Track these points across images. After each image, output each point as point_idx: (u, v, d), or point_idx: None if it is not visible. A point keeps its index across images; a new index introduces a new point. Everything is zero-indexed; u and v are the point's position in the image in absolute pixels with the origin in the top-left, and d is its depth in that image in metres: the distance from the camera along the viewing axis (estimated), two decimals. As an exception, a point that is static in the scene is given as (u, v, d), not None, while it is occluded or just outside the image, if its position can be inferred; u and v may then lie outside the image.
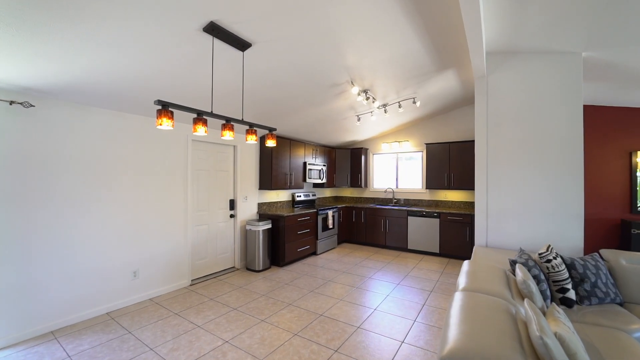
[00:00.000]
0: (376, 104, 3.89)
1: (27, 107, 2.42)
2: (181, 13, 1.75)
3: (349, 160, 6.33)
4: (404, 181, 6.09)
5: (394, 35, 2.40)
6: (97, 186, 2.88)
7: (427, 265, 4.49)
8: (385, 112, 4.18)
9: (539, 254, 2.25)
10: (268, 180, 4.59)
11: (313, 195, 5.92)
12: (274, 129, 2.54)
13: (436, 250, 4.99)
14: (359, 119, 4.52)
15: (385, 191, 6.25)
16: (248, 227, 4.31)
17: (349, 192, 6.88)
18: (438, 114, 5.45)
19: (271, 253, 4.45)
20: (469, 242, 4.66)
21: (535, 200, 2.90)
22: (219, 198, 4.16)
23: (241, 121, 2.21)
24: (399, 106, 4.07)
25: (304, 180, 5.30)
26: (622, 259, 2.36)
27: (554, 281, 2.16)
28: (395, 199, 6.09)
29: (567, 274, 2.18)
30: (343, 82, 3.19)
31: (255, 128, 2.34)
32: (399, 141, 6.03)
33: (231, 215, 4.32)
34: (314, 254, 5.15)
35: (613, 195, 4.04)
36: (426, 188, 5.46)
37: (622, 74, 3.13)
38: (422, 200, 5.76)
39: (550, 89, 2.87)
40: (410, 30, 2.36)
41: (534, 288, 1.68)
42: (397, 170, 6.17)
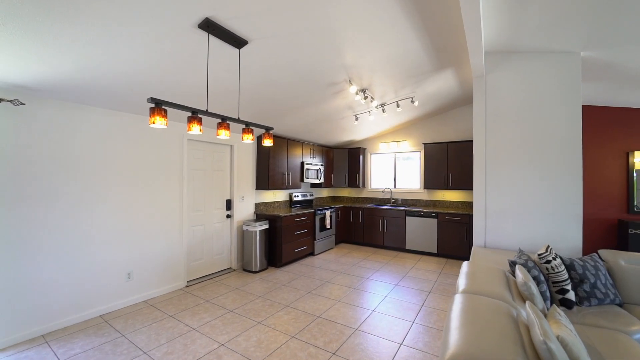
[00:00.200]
0: (374, 103, 3.87)
1: (17, 105, 2.36)
2: (175, 8, 1.71)
3: (347, 160, 6.30)
4: (402, 181, 6.07)
5: (392, 33, 2.36)
6: (90, 186, 2.82)
7: (425, 266, 4.47)
8: (383, 112, 4.16)
9: (539, 255, 2.23)
10: (265, 180, 4.54)
11: (311, 195, 5.88)
12: (271, 128, 2.50)
13: (434, 250, 4.98)
14: (356, 119, 4.49)
15: (383, 191, 6.22)
16: (245, 228, 4.26)
17: (346, 192, 6.85)
18: (436, 114, 5.44)
19: (268, 254, 4.41)
20: (467, 242, 4.65)
21: (534, 200, 2.89)
22: (216, 198, 4.11)
23: (237, 120, 2.17)
24: (397, 106, 4.04)
25: (302, 180, 5.26)
26: (621, 260, 2.35)
27: (553, 282, 2.15)
28: (393, 199, 6.07)
29: (567, 275, 2.16)
30: (341, 81, 3.16)
31: (251, 127, 2.30)
32: (397, 141, 6.01)
33: (228, 216, 4.27)
34: (312, 254, 5.11)
35: (610, 195, 4.05)
36: (424, 188, 5.44)
37: (620, 74, 3.13)
38: (420, 200, 5.74)
39: (549, 89, 2.85)
40: (409, 28, 2.33)
41: (535, 290, 1.66)
42: (395, 170, 6.15)
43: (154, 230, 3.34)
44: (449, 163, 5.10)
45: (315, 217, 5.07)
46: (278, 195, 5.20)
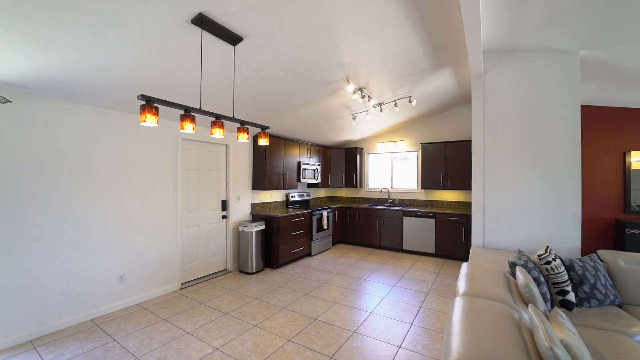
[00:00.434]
0: (372, 102, 3.83)
1: (4, 103, 2.28)
2: (167, 3, 1.65)
3: (344, 160, 6.26)
4: (400, 181, 6.04)
5: (391, 31, 2.32)
6: (81, 186, 2.75)
7: (423, 266, 4.44)
8: (381, 111, 4.12)
9: (538, 256, 2.20)
10: (261, 180, 4.49)
11: (307, 195, 5.83)
12: (267, 127, 2.45)
13: (432, 250, 4.95)
14: (354, 118, 4.45)
15: (380, 191, 6.19)
16: (241, 229, 4.20)
17: (343, 192, 6.81)
18: (434, 114, 5.42)
19: (264, 255, 4.35)
20: (465, 243, 4.63)
21: (533, 201, 2.87)
22: (211, 198, 4.04)
23: (232, 118, 2.11)
24: (395, 105, 4.01)
25: (298, 180, 5.21)
26: (621, 260, 2.33)
27: (553, 283, 2.12)
28: (390, 199, 6.04)
29: (567, 276, 2.13)
30: (338, 80, 3.11)
31: (246, 126, 2.24)
32: (394, 141, 5.98)
33: (223, 216, 4.21)
34: (309, 255, 5.06)
35: (607, 195, 4.05)
36: (421, 188, 5.42)
37: (618, 74, 3.12)
38: (418, 201, 5.72)
39: (548, 88, 2.83)
40: (407, 26, 2.29)
41: (536, 292, 1.62)
42: (393, 170, 6.12)
43: (147, 232, 3.27)
44: (447, 163, 5.08)
45: (312, 218, 5.02)
46: (274, 196, 5.14)
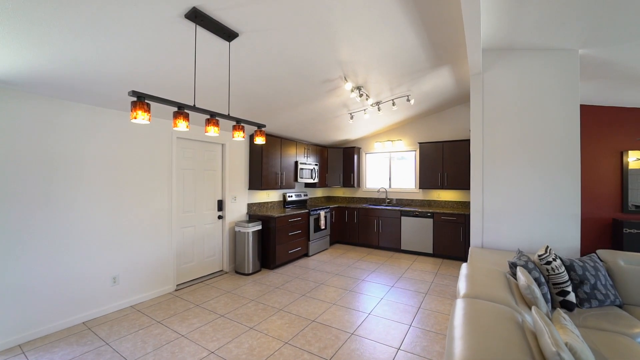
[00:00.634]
0: (370, 101, 3.79)
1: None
2: (159, -4, 1.59)
3: (342, 160, 6.22)
4: (397, 181, 6.02)
5: (389, 28, 2.28)
6: (72, 185, 2.68)
7: (421, 266, 4.42)
8: (378, 110, 4.08)
9: (539, 256, 2.17)
10: (258, 180, 4.43)
11: (305, 195, 5.79)
12: (263, 126, 2.40)
13: (430, 250, 4.93)
14: (351, 117, 4.41)
15: (378, 191, 6.16)
16: (237, 229, 4.14)
17: (341, 192, 6.77)
18: (432, 113, 5.39)
19: (261, 255, 4.30)
20: (463, 243, 4.61)
21: (532, 200, 2.85)
22: (207, 198, 3.98)
23: (227, 116, 2.06)
24: (393, 104, 3.97)
25: (296, 180, 5.16)
26: (620, 260, 2.32)
27: (554, 284, 2.09)
28: (388, 198, 6.01)
29: (567, 277, 2.11)
30: (336, 78, 3.07)
31: (242, 124, 2.19)
32: (392, 140, 5.95)
33: (219, 217, 4.15)
34: (306, 255, 5.02)
35: (604, 195, 4.05)
36: (419, 188, 5.39)
37: (616, 73, 3.11)
38: (415, 200, 5.69)
39: (547, 87, 2.81)
40: (406, 23, 2.25)
41: (538, 293, 1.59)
42: (390, 170, 6.09)
43: (141, 232, 3.20)
44: (445, 162, 5.05)
45: (309, 218, 4.98)
46: (271, 196, 5.08)
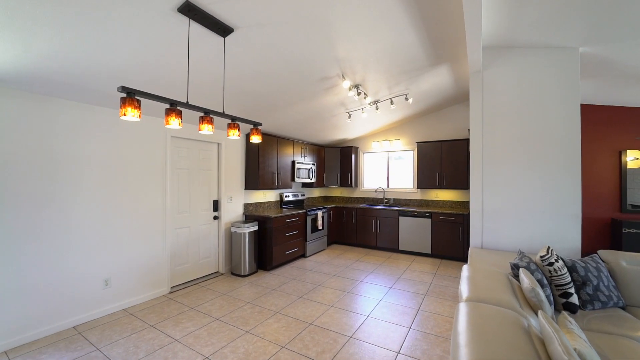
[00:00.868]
0: (367, 100, 3.74)
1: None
2: (149, -13, 1.53)
3: (339, 159, 6.16)
4: (395, 181, 5.97)
5: (388, 24, 2.23)
6: (63, 185, 2.59)
7: (420, 267, 4.37)
8: (376, 109, 4.03)
9: (541, 257, 2.13)
10: (254, 179, 4.36)
11: (302, 195, 5.72)
12: (259, 124, 2.33)
13: (428, 251, 4.89)
14: (349, 116, 4.36)
15: (375, 191, 6.12)
16: (233, 230, 4.07)
17: (338, 192, 6.72)
18: (430, 112, 5.36)
19: (258, 256, 4.23)
20: (461, 243, 4.57)
21: (532, 200, 2.81)
22: (202, 199, 3.90)
23: (222, 114, 2.00)
24: (391, 103, 3.93)
25: (293, 179, 5.09)
26: (623, 261, 2.28)
27: (556, 285, 2.05)
28: (386, 198, 5.97)
29: (570, 278, 2.07)
30: (334, 76, 3.01)
31: (237, 122, 2.13)
32: (390, 139, 5.91)
33: (215, 217, 4.07)
34: (303, 256, 4.95)
35: (603, 194, 4.03)
36: (417, 187, 5.35)
37: (616, 71, 3.08)
38: (414, 200, 5.65)
39: (547, 85, 2.77)
40: (405, 19, 2.20)
41: (543, 296, 1.55)
42: (388, 170, 6.05)
43: (134, 233, 3.12)
44: (443, 162, 5.02)
45: (306, 218, 4.91)
46: (268, 196, 5.01)
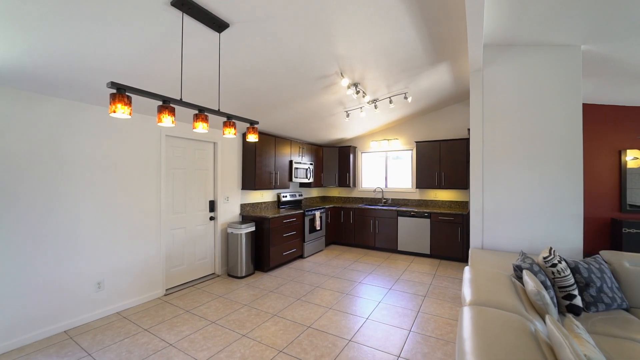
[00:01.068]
0: (366, 98, 3.69)
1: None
2: (140, -22, 1.46)
3: (337, 159, 6.11)
4: (394, 180, 5.93)
5: (388, 21, 2.18)
6: (52, 185, 2.51)
7: (419, 268, 4.33)
8: (375, 108, 3.99)
9: (544, 258, 2.09)
10: (251, 179, 4.29)
11: (299, 195, 5.66)
12: (256, 122, 2.27)
13: (427, 251, 4.85)
14: (347, 115, 4.30)
15: (374, 191, 6.07)
16: (230, 230, 4.00)
17: (336, 192, 6.67)
18: (429, 111, 5.32)
19: (255, 257, 4.17)
20: (461, 243, 4.54)
21: (533, 200, 2.77)
22: (198, 199, 3.83)
23: (217, 112, 1.94)
24: (390, 102, 3.88)
25: (290, 179, 5.03)
26: (626, 262, 2.25)
27: (559, 287, 2.01)
28: (384, 198, 5.93)
29: (573, 279, 2.03)
30: (332, 74, 2.95)
31: (233, 120, 2.06)
32: (388, 139, 5.86)
33: (211, 218, 4.00)
34: (301, 257, 4.89)
35: (603, 194, 4.01)
36: (416, 187, 5.31)
37: (618, 70, 3.06)
38: (412, 200, 5.61)
39: (548, 84, 2.74)
40: (406, 16, 2.15)
41: (549, 299, 1.50)
42: (387, 169, 6.00)
43: (128, 234, 3.04)
44: (442, 162, 4.98)
45: (304, 218, 4.86)
46: (265, 196, 4.95)
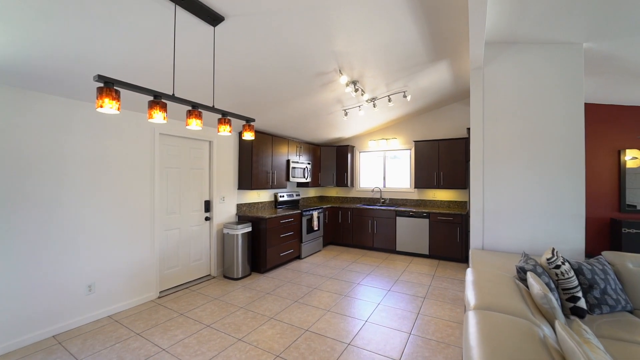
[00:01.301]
0: (365, 97, 3.63)
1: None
2: (130, -34, 1.39)
3: (335, 159, 6.05)
4: (392, 180, 5.88)
5: (388, 17, 2.12)
6: (42, 184, 2.42)
7: (418, 268, 4.28)
8: (374, 107, 3.93)
9: (547, 260, 2.04)
10: (248, 179, 4.22)
11: (297, 195, 5.59)
12: (252, 120, 2.20)
13: (425, 252, 4.81)
14: (346, 114, 4.24)
15: (372, 190, 6.02)
16: (226, 231, 3.92)
17: (334, 192, 6.61)
18: (427, 111, 5.27)
19: (251, 259, 4.09)
20: (460, 243, 4.50)
21: (534, 200, 2.73)
22: (193, 199, 3.75)
23: (212, 108, 1.86)
24: (389, 100, 3.82)
25: (287, 179, 4.96)
26: (629, 262, 2.21)
27: (563, 289, 1.96)
28: (382, 198, 5.88)
29: (577, 281, 1.99)
30: (330, 71, 2.89)
31: (229, 117, 1.99)
32: (387, 138, 5.81)
33: (206, 218, 3.92)
34: (299, 257, 4.83)
35: (602, 194, 3.99)
36: (414, 187, 5.27)
37: (619, 68, 3.03)
38: (411, 200, 5.57)
39: (550, 82, 2.70)
40: (407, 12, 2.09)
41: (556, 303, 1.45)
42: (385, 169, 5.95)
43: (120, 235, 2.96)
44: (440, 161, 4.94)
45: (302, 219, 4.79)
46: (262, 196, 4.87)
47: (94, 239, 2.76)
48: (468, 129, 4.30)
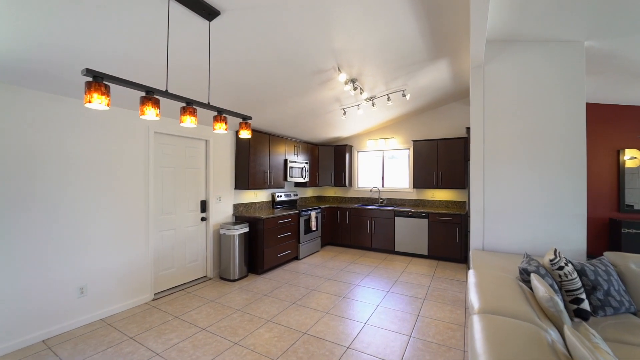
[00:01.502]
0: (364, 95, 3.58)
1: None
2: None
3: (333, 158, 6.00)
4: (390, 180, 5.84)
5: (389, 13, 2.07)
6: (32, 184, 2.34)
7: (417, 269, 4.24)
8: (373, 106, 3.88)
9: (550, 261, 2.00)
10: (245, 179, 4.15)
11: (295, 195, 5.54)
12: (249, 118, 2.14)
13: (424, 252, 4.77)
14: (344, 113, 4.19)
15: (370, 190, 5.97)
16: (222, 231, 3.85)
17: (332, 192, 6.55)
18: (426, 110, 5.24)
19: (248, 260, 4.03)
20: (459, 244, 4.47)
21: (535, 200, 2.70)
22: (188, 199, 3.67)
23: (207, 105, 1.80)
24: (388, 99, 3.78)
25: (285, 179, 4.90)
26: (632, 264, 2.18)
27: (566, 291, 1.92)
28: (381, 198, 5.83)
29: (580, 283, 1.95)
30: (329, 69, 2.84)
31: (224, 115, 1.93)
32: (385, 138, 5.77)
33: (202, 218, 3.85)
34: (296, 258, 4.77)
35: (601, 194, 3.98)
36: (413, 187, 5.23)
37: (619, 68, 3.00)
38: (409, 200, 5.53)
39: (551, 81, 2.66)
40: (407, 9, 2.04)
41: (562, 306, 1.41)
42: (383, 169, 5.91)
43: (113, 236, 2.88)
44: (439, 161, 4.91)
45: (299, 219, 4.73)
46: (259, 196, 4.81)
47: (86, 240, 2.69)
48: (467, 128, 4.27)
